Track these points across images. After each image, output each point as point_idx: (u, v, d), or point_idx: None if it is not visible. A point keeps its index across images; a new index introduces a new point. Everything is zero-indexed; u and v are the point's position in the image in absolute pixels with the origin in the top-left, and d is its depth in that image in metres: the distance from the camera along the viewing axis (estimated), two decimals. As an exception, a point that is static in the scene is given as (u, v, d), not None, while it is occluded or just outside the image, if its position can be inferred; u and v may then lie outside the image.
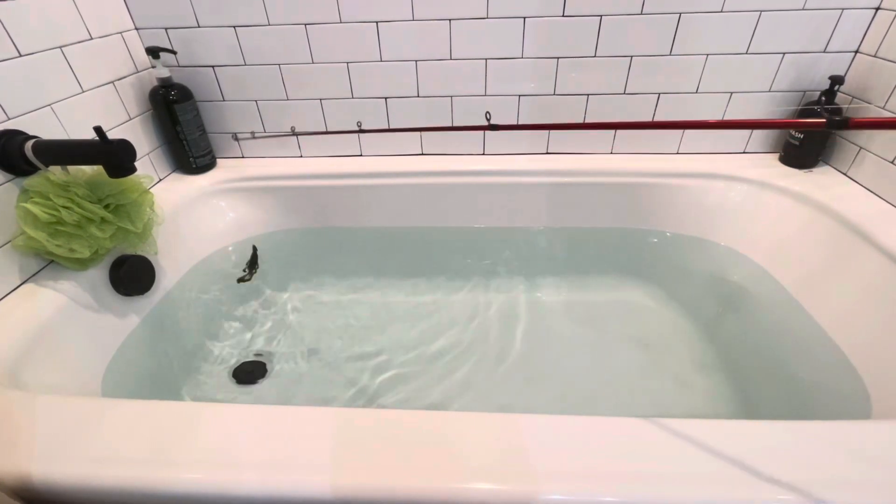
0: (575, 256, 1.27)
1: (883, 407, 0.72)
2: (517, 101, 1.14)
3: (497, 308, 1.24)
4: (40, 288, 0.80)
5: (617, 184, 1.16)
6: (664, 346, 1.11)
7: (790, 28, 1.01)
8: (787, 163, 1.12)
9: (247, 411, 0.58)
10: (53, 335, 0.76)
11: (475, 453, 0.51)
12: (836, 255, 0.92)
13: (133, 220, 0.86)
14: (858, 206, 0.95)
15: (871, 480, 0.48)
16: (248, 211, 1.21)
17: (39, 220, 0.75)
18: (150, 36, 1.09)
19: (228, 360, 1.11)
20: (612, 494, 0.48)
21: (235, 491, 0.50)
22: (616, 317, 1.19)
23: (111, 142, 0.73)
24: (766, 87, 1.09)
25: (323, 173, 1.19)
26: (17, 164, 0.77)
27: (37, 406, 0.59)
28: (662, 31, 1.03)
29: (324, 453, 0.52)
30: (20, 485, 0.51)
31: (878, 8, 0.98)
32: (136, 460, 0.52)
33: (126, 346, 0.88)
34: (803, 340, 0.90)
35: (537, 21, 1.03)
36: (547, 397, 1.02)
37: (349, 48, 1.09)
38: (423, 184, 1.19)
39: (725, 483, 0.48)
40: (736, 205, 1.11)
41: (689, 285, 1.18)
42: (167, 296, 1.01)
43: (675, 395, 1.00)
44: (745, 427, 0.54)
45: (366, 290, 1.29)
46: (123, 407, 0.59)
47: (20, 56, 0.81)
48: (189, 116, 1.12)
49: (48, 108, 0.86)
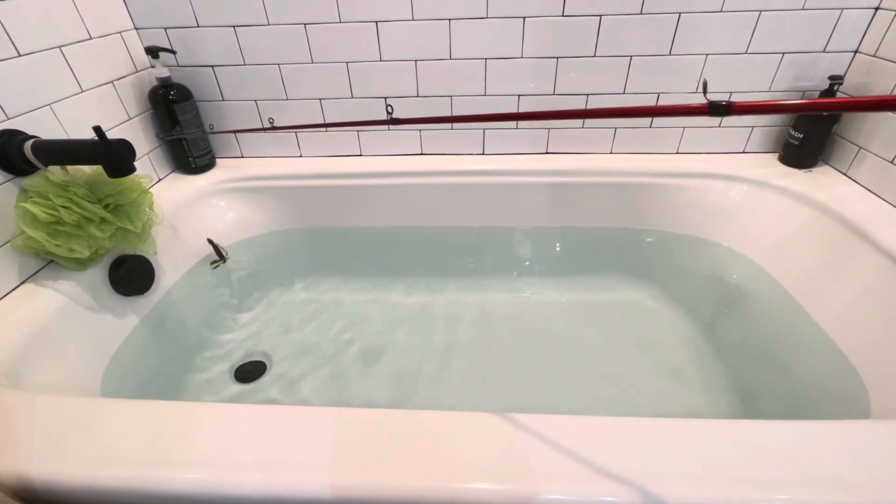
0: (574, 256, 1.27)
1: (882, 407, 0.72)
2: (517, 101, 1.14)
3: (497, 308, 1.24)
4: (39, 288, 0.80)
5: (616, 183, 1.16)
6: (663, 346, 1.11)
7: (790, 28, 1.01)
8: (787, 162, 1.12)
9: (247, 411, 0.58)
10: (53, 335, 0.76)
11: (475, 453, 0.51)
12: (836, 254, 0.92)
13: (132, 220, 0.86)
14: (858, 205, 0.95)
15: (871, 480, 0.48)
16: (247, 211, 1.20)
17: (39, 220, 0.75)
18: (150, 36, 1.09)
19: (228, 360, 1.11)
20: (612, 494, 0.48)
21: (235, 491, 0.50)
22: (615, 317, 1.20)
23: (110, 141, 0.73)
24: (765, 87, 1.09)
25: (323, 173, 1.19)
26: (16, 163, 0.77)
27: (36, 406, 0.59)
28: (662, 31, 1.03)
29: (324, 453, 0.52)
30: (19, 484, 0.51)
31: (878, 8, 0.98)
32: (135, 460, 0.52)
33: (126, 346, 0.88)
34: (802, 340, 0.90)
35: (537, 21, 1.03)
36: (547, 397, 1.02)
37: (349, 48, 1.08)
38: (422, 183, 1.19)
39: (725, 483, 0.48)
40: (735, 205, 1.11)
41: (688, 285, 1.18)
42: (167, 295, 1.00)
43: (675, 395, 1.00)
44: (744, 427, 0.54)
45: (366, 290, 1.29)
46: (123, 407, 0.59)
47: (19, 56, 0.81)
48: (188, 116, 1.12)
49: (47, 107, 0.86)
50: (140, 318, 0.93)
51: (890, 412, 0.70)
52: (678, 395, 1.00)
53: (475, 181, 1.18)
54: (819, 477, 0.48)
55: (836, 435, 0.52)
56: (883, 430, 0.53)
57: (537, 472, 0.49)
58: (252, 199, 1.20)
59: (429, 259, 1.30)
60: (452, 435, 0.53)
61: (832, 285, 0.89)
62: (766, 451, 0.50)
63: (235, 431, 0.55)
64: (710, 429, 0.53)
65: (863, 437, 0.52)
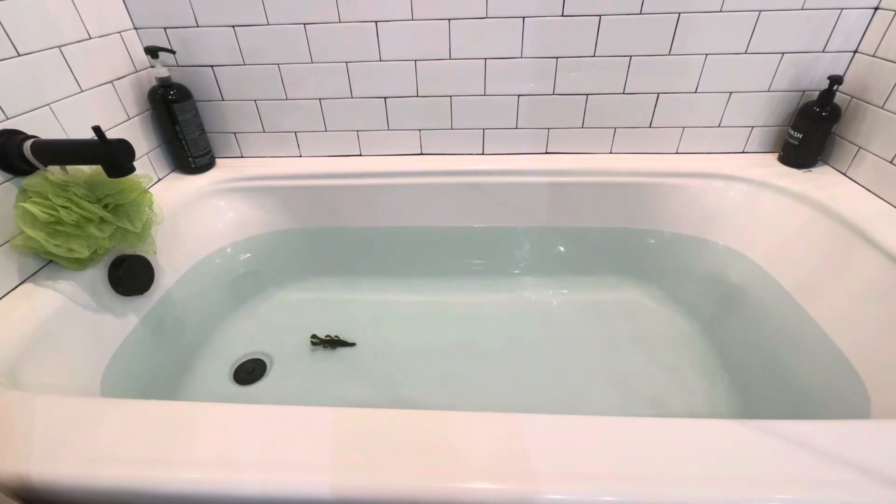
0: (574, 256, 1.27)
1: (882, 407, 0.72)
2: (516, 101, 1.14)
3: (496, 308, 1.24)
4: (39, 288, 0.80)
5: (616, 183, 1.16)
6: (663, 346, 1.11)
7: (789, 28, 1.01)
8: (786, 162, 1.12)
9: (247, 411, 0.57)
10: (52, 335, 0.76)
11: (475, 453, 0.51)
12: (835, 254, 0.92)
13: (132, 220, 0.86)
14: (857, 205, 0.95)
15: (871, 480, 0.48)
16: (247, 211, 1.20)
17: (38, 220, 0.75)
18: (149, 35, 1.09)
19: (228, 360, 1.11)
20: (612, 494, 0.48)
21: (235, 491, 0.49)
22: (615, 316, 1.20)
23: (110, 141, 0.73)
24: (765, 87, 1.09)
25: (322, 173, 1.19)
26: (15, 163, 0.76)
27: (36, 406, 0.59)
28: (661, 31, 1.03)
29: (324, 453, 0.52)
30: (19, 484, 0.51)
31: (877, 8, 0.98)
32: (135, 460, 0.52)
33: (125, 346, 0.88)
34: (802, 340, 0.90)
35: (536, 21, 1.03)
36: (547, 397, 1.02)
37: (348, 48, 1.08)
38: (422, 183, 1.19)
39: (725, 483, 0.48)
40: (735, 205, 1.11)
41: (688, 285, 1.18)
42: (166, 295, 1.00)
43: (675, 395, 1.00)
44: (744, 427, 0.54)
45: (366, 290, 1.29)
46: (122, 407, 0.59)
47: (19, 55, 0.80)
48: (188, 116, 1.12)
49: (47, 107, 0.86)
50: (140, 318, 0.93)
51: (890, 412, 0.70)
52: (678, 395, 1.00)
53: (475, 181, 1.18)
54: (819, 477, 0.48)
55: (836, 435, 0.52)
56: (883, 430, 0.53)
57: (537, 472, 0.49)
58: (252, 199, 1.20)
59: (428, 259, 1.30)
60: (452, 435, 0.53)
61: (832, 285, 0.89)
62: (766, 451, 0.50)
63: (235, 431, 0.55)
64: (710, 429, 0.53)
65: (862, 437, 0.52)
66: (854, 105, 1.03)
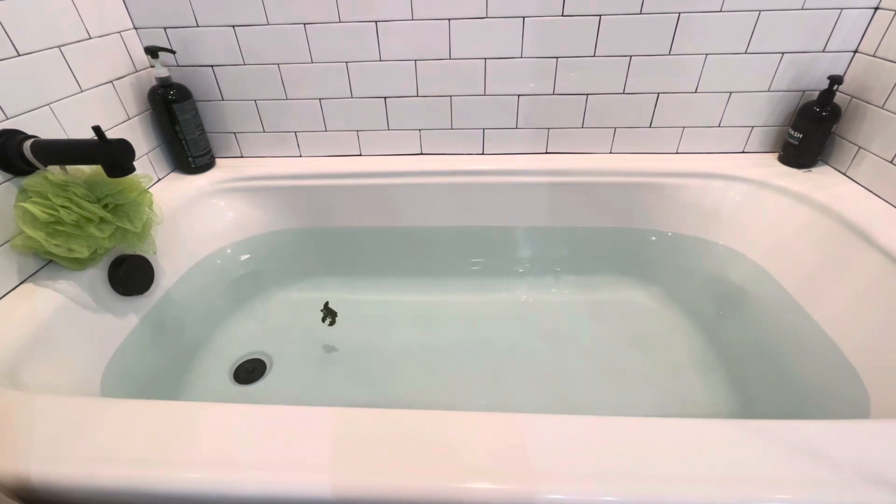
0: (574, 256, 1.27)
1: (882, 406, 0.72)
2: (516, 101, 1.14)
3: (497, 308, 1.24)
4: (39, 288, 0.80)
5: (616, 183, 1.16)
6: (663, 346, 1.11)
7: (789, 28, 1.01)
8: (786, 162, 1.12)
9: (247, 411, 0.57)
10: (52, 335, 0.76)
11: (475, 453, 0.51)
12: (836, 254, 0.92)
13: (132, 220, 0.86)
14: (857, 205, 0.95)
15: (871, 480, 0.48)
16: (247, 211, 1.20)
17: (38, 220, 0.75)
18: (149, 35, 1.09)
19: (228, 360, 1.11)
20: (612, 494, 0.48)
21: (235, 491, 0.49)
22: (615, 316, 1.20)
23: (110, 141, 0.73)
24: (765, 87, 1.09)
25: (322, 173, 1.19)
26: (15, 163, 0.76)
27: (35, 406, 0.59)
28: (662, 31, 1.03)
29: (324, 453, 0.52)
30: (19, 484, 0.51)
31: (877, 8, 0.98)
32: (135, 460, 0.52)
33: (125, 346, 0.88)
34: (802, 340, 0.90)
35: (536, 21, 1.03)
36: (547, 397, 1.02)
37: (348, 48, 1.08)
38: (422, 183, 1.19)
39: (725, 483, 0.48)
40: (735, 204, 1.11)
41: (688, 285, 1.18)
42: (166, 295, 1.00)
43: (675, 394, 1.00)
44: (744, 427, 0.54)
45: (365, 290, 1.29)
46: (122, 406, 0.59)
47: (18, 55, 0.80)
48: (188, 116, 1.12)
49: (47, 107, 0.86)
50: (140, 317, 0.93)
51: (890, 412, 0.70)
52: (678, 395, 1.00)
53: (475, 181, 1.18)
54: (819, 477, 0.48)
55: (836, 435, 0.52)
56: (882, 430, 0.53)
57: (537, 472, 0.49)
58: (252, 199, 1.20)
59: (428, 259, 1.30)
60: (452, 435, 0.53)
61: (832, 285, 0.89)
62: (767, 451, 0.50)
63: (235, 431, 0.55)
64: (710, 429, 0.53)
65: (862, 437, 0.52)
66: (854, 105, 1.03)
